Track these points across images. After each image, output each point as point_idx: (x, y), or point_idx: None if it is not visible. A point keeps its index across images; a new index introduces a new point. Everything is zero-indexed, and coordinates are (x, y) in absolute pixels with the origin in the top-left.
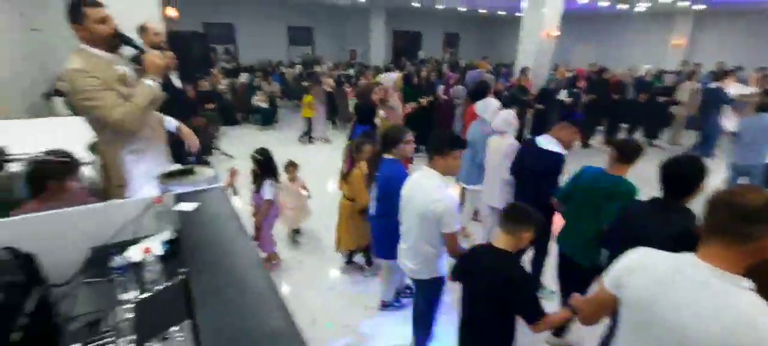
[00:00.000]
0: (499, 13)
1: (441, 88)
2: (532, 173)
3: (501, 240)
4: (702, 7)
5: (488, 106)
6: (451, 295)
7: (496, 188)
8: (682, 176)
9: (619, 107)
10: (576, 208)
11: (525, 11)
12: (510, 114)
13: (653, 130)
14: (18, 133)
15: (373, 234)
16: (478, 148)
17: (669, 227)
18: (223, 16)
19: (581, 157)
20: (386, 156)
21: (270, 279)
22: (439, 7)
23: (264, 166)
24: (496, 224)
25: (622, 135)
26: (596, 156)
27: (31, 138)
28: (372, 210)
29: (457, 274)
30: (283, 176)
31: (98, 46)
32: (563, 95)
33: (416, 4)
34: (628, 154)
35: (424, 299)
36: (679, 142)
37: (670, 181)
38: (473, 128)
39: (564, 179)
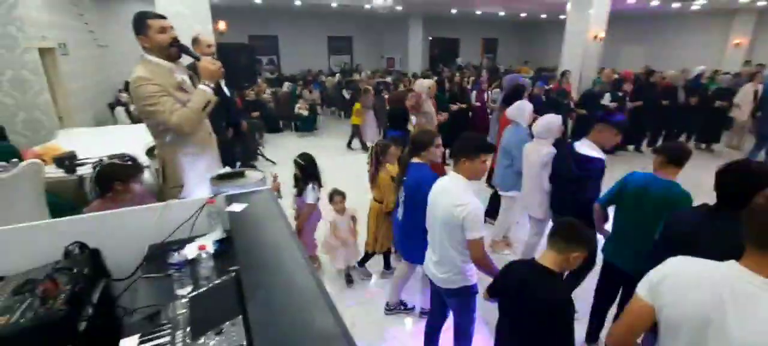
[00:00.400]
0: (541, 16)
1: (474, 94)
2: (570, 180)
3: (547, 258)
4: (765, 3)
5: (521, 110)
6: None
7: (535, 197)
8: (742, 182)
9: (669, 112)
10: (625, 216)
11: (569, 13)
12: (553, 120)
13: (709, 135)
14: (86, 140)
15: (398, 239)
16: (514, 154)
17: (724, 240)
18: (267, 29)
19: (630, 161)
20: (415, 160)
21: (318, 279)
22: (478, 13)
23: (307, 171)
24: (542, 237)
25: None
26: (646, 161)
27: (97, 144)
28: (399, 215)
29: (493, 291)
30: (330, 214)
31: (159, 54)
32: (607, 99)
33: (454, 11)
34: (676, 156)
35: (457, 310)
36: (738, 147)
37: (729, 187)
38: (508, 134)
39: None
